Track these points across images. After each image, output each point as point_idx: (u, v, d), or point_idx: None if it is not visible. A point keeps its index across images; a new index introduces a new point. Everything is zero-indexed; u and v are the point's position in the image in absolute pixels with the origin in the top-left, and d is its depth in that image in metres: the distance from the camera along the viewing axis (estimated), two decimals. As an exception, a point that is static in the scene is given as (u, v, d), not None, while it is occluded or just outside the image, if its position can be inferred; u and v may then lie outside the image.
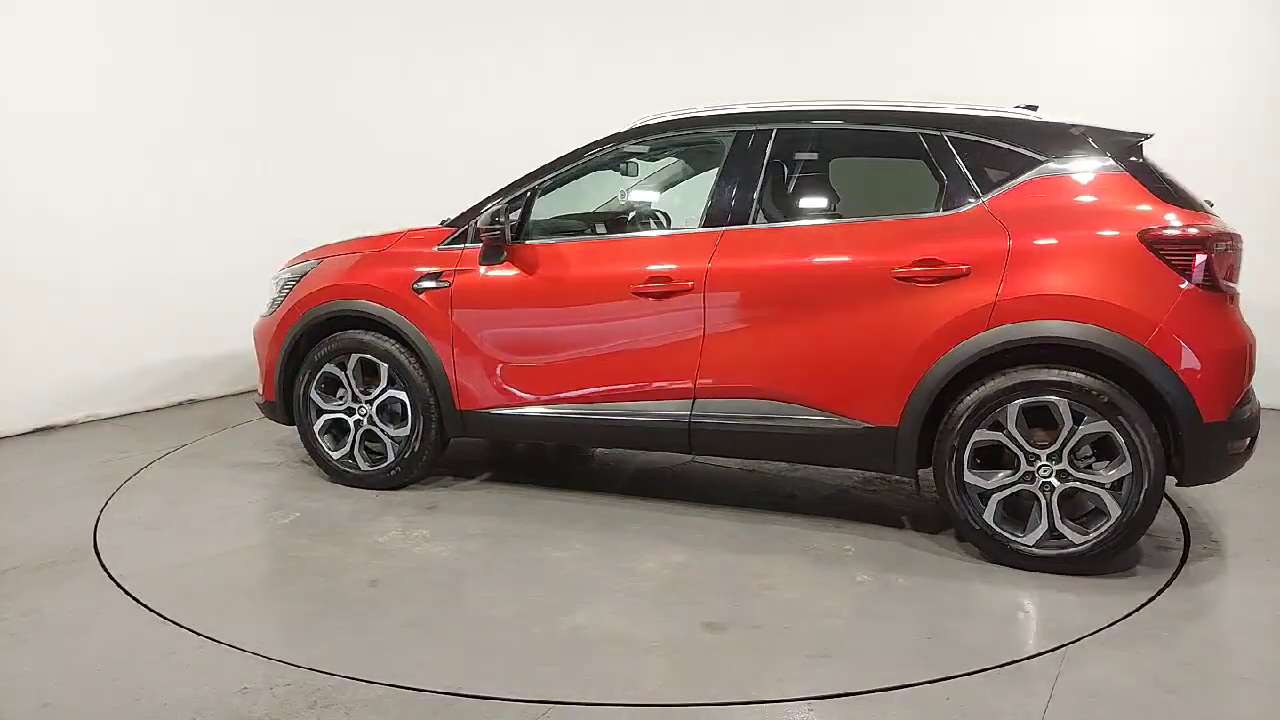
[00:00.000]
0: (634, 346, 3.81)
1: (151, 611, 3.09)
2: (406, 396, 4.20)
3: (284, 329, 4.41)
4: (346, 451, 4.37)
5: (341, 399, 4.35)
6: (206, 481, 4.54)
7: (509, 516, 4.00)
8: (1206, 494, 4.15)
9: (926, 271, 3.41)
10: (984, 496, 3.41)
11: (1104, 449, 3.32)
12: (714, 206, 3.81)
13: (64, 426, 5.55)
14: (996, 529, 3.40)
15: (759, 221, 3.77)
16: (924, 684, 2.62)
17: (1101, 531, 3.28)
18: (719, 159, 3.95)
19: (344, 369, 4.30)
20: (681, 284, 3.70)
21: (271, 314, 4.56)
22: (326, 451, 4.40)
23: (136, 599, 3.18)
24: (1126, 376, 3.23)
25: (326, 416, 4.37)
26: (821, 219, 3.93)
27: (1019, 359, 3.34)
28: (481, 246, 4.06)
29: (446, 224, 4.29)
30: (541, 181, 4.08)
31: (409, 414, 4.22)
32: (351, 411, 4.34)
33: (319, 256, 4.56)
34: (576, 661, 2.76)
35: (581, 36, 7.70)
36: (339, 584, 3.34)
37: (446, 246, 4.17)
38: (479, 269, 4.06)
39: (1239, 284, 3.40)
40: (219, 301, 6.20)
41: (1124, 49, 6.08)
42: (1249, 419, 3.33)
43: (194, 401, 6.25)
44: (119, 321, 5.80)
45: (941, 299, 3.39)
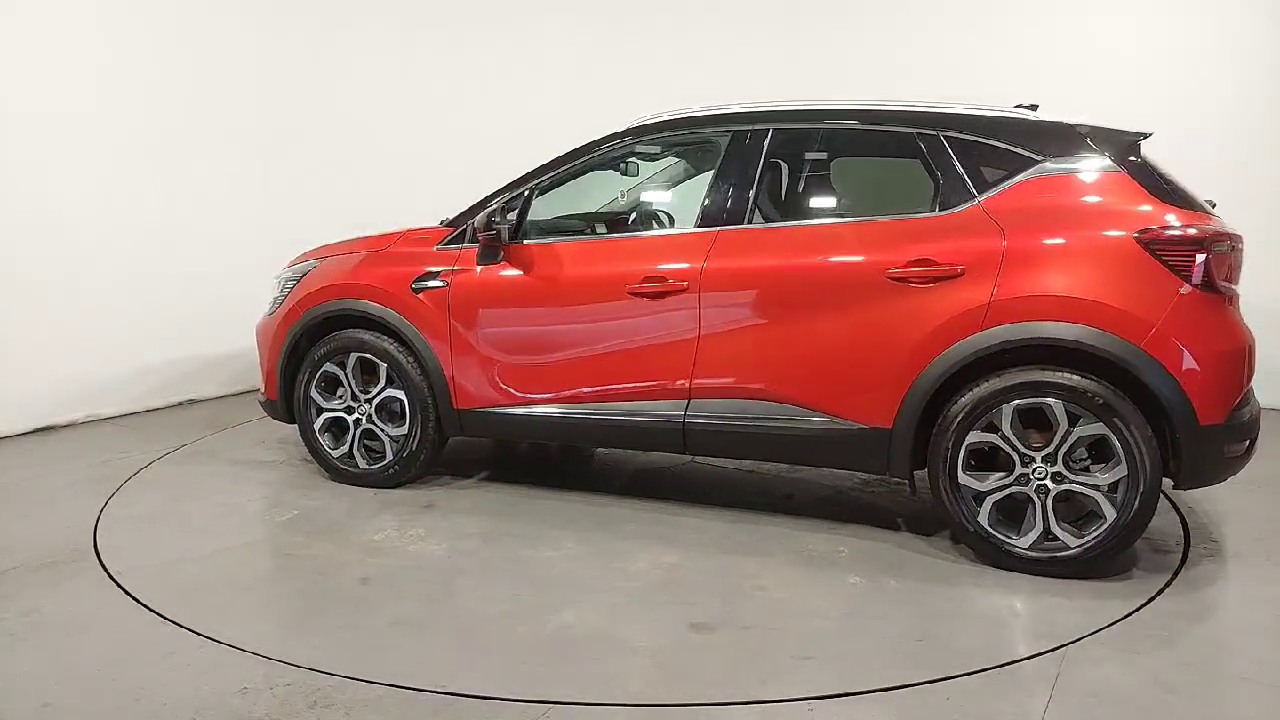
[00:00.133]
0: (629, 346, 3.82)
1: (151, 611, 3.10)
2: (405, 395, 4.21)
3: (285, 328, 4.43)
4: (346, 450, 4.38)
5: (341, 398, 4.37)
6: (207, 480, 4.55)
7: (505, 516, 4.01)
8: (1206, 494, 4.14)
9: (921, 272, 3.40)
10: (978, 498, 3.39)
11: (1100, 451, 3.30)
12: (709, 206, 3.81)
13: (64, 426, 5.56)
14: (991, 531, 3.38)
15: (754, 221, 3.76)
16: (924, 684, 2.62)
17: (1097, 534, 3.25)
18: (716, 159, 3.95)
19: (344, 368, 4.31)
20: (676, 284, 3.70)
21: (273, 313, 4.58)
22: (326, 450, 4.42)
23: (136, 599, 3.19)
24: (1122, 378, 3.22)
25: (326, 415, 4.39)
26: (817, 219, 3.92)
27: (1015, 360, 3.32)
28: (479, 246, 4.07)
29: (446, 224, 4.29)
30: (539, 182, 4.09)
31: (407, 413, 4.23)
32: (351, 410, 4.35)
33: (319, 256, 4.58)
34: (561, 660, 2.77)
35: (581, 36, 7.70)
36: (333, 582, 3.35)
37: (445, 246, 4.18)
38: (476, 269, 4.07)
39: (1239, 285, 3.37)
40: (219, 301, 6.21)
41: (1124, 49, 6.08)
42: (1248, 421, 3.30)
43: (194, 401, 6.25)
44: (119, 321, 5.81)
45: (936, 299, 3.37)
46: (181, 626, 2.97)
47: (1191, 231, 3.20)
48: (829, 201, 4.03)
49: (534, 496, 4.26)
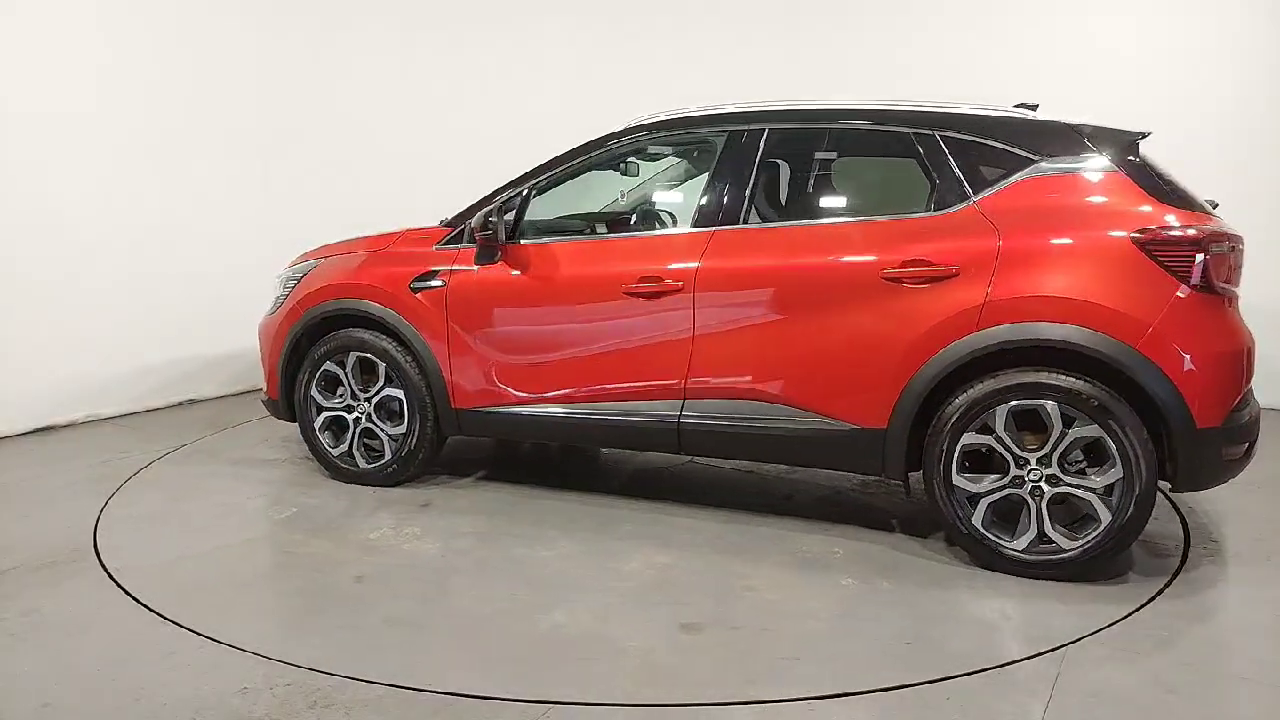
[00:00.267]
0: (625, 346, 3.81)
1: (151, 611, 3.10)
2: (403, 395, 4.22)
3: (286, 327, 4.45)
4: (345, 449, 4.40)
5: (341, 397, 4.38)
6: (207, 479, 4.56)
7: (501, 515, 4.01)
8: (1206, 494, 4.13)
9: (915, 272, 3.38)
10: (973, 500, 3.37)
11: (1095, 454, 3.25)
12: (705, 207, 3.80)
13: (64, 426, 5.56)
14: (985, 533, 3.35)
15: (750, 222, 3.75)
16: (924, 684, 2.62)
17: (1092, 537, 3.22)
18: (712, 159, 3.94)
19: (343, 367, 4.33)
20: (671, 284, 3.70)
21: (275, 312, 4.60)
22: (326, 448, 4.44)
23: (136, 599, 3.20)
24: (1118, 380, 3.18)
25: (326, 414, 4.41)
26: (812, 219, 3.90)
27: (1010, 361, 3.30)
28: (476, 246, 4.08)
29: (445, 224, 4.30)
30: (536, 182, 4.09)
31: (406, 412, 4.23)
32: (350, 409, 4.37)
33: (319, 256, 4.60)
34: (552, 660, 2.77)
35: (581, 36, 7.70)
36: (328, 580, 3.36)
37: (443, 246, 4.19)
38: (474, 269, 4.07)
39: (1240, 286, 3.33)
40: (219, 301, 6.22)
41: (1124, 49, 6.08)
42: (1246, 424, 3.25)
43: (194, 401, 6.26)
44: (119, 321, 5.81)
45: (930, 300, 3.36)
46: (181, 626, 2.98)
47: (1190, 232, 3.16)
48: (825, 201, 4.02)
49: (531, 496, 4.27)
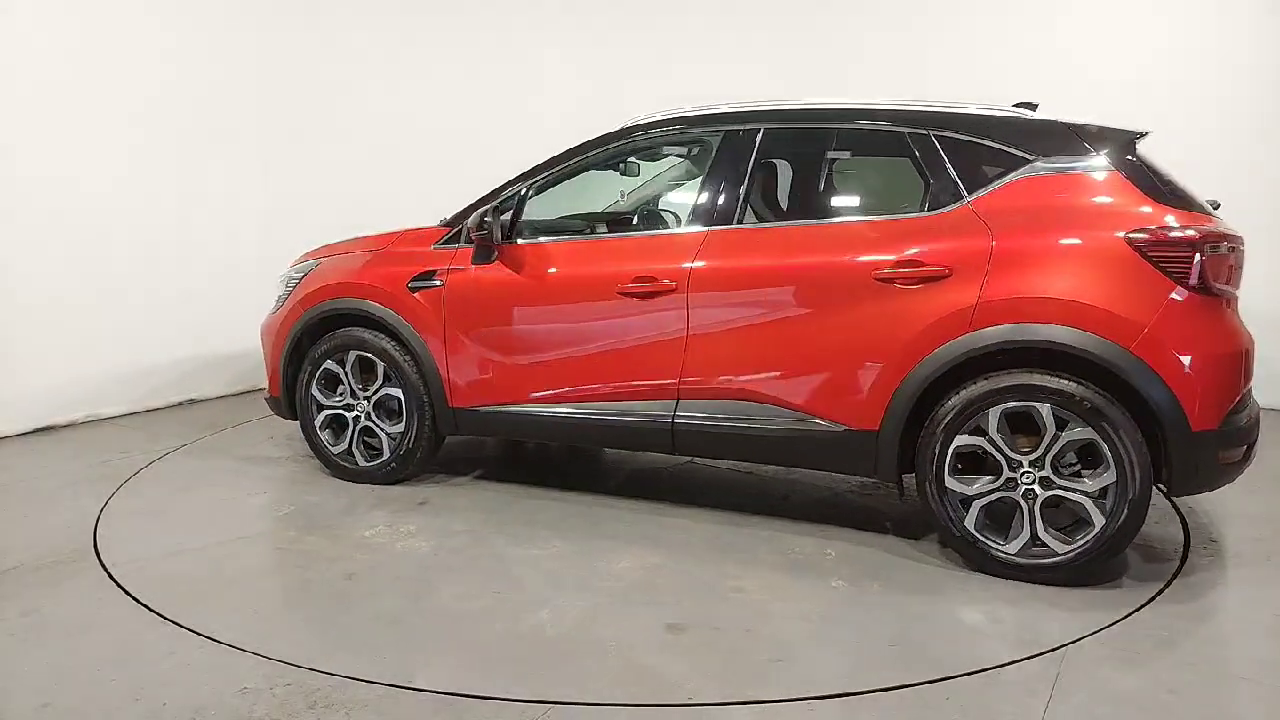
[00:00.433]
0: (619, 346, 3.81)
1: (151, 611, 3.10)
2: (402, 393, 4.24)
3: (287, 326, 4.48)
4: (345, 447, 4.42)
5: (341, 395, 4.40)
6: (208, 478, 4.57)
7: (496, 514, 4.02)
8: (1206, 495, 4.09)
9: (908, 273, 3.35)
10: (965, 503, 3.33)
11: (1089, 457, 3.21)
12: (700, 206, 3.79)
13: (64, 426, 5.56)
14: (978, 536, 3.32)
15: (745, 222, 3.74)
16: (924, 684, 2.62)
17: (1085, 541, 3.18)
18: (708, 158, 3.93)
19: (343, 366, 4.36)
20: (665, 284, 3.69)
21: (276, 312, 4.63)
22: (326, 446, 4.46)
23: (136, 599, 3.20)
24: (1113, 382, 3.14)
25: (327, 412, 4.43)
26: (807, 219, 3.89)
27: (1003, 363, 3.26)
28: (473, 246, 4.08)
29: (444, 224, 4.31)
30: (533, 182, 4.09)
31: (404, 411, 4.24)
32: (350, 408, 4.38)
33: (320, 256, 4.63)
34: (534, 658, 2.77)
35: (581, 36, 7.70)
36: (319, 577, 3.37)
37: (441, 246, 4.20)
38: (470, 269, 4.08)
39: (1239, 287, 3.28)
40: (219, 301, 6.22)
41: (1124, 49, 6.08)
42: (1244, 427, 3.19)
43: (194, 402, 6.26)
44: (119, 321, 5.82)
45: (923, 301, 3.33)
46: (181, 626, 2.98)
47: (1187, 233, 3.12)
48: (820, 201, 4.01)
49: (528, 495, 4.27)
